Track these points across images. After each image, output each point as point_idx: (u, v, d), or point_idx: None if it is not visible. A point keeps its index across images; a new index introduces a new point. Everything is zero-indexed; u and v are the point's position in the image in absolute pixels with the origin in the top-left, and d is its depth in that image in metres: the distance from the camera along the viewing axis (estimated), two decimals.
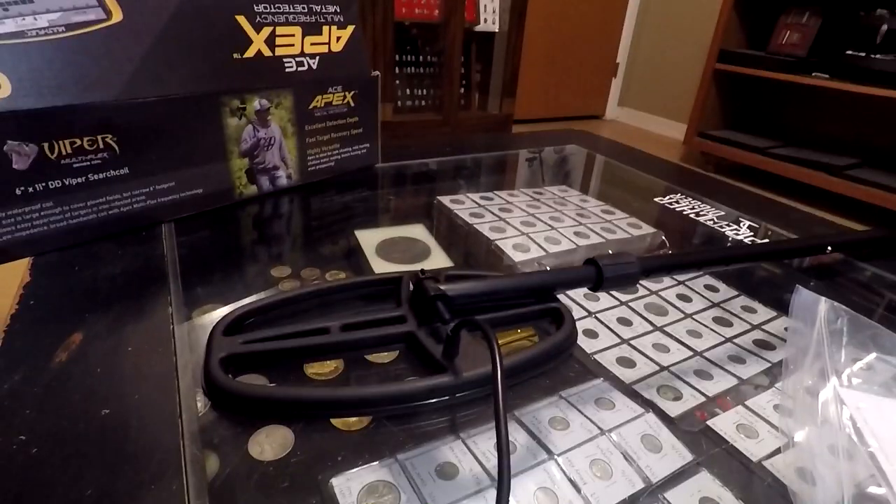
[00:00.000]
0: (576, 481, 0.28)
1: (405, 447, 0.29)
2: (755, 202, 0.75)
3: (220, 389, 0.31)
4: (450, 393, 0.32)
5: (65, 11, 0.42)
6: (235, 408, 0.30)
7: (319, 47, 0.59)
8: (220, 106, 0.51)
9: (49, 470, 0.25)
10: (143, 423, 0.29)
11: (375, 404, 0.30)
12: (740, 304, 0.48)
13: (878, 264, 0.56)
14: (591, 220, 0.62)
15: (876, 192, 1.84)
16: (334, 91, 0.61)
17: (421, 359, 0.35)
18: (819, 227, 0.68)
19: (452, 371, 0.32)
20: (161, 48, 0.47)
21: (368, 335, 0.33)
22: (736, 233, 0.62)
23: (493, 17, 2.24)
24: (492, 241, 0.54)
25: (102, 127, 0.44)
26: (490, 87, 2.37)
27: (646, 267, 0.38)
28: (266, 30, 0.54)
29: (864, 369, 0.35)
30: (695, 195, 0.73)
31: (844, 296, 0.50)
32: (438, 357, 0.33)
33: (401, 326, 0.35)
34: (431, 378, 0.31)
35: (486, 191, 0.69)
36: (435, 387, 0.31)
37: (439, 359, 0.33)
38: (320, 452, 0.28)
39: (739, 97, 2.47)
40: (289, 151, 0.59)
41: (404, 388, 0.31)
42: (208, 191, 0.53)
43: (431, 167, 0.80)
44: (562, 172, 0.87)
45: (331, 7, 0.60)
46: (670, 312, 0.46)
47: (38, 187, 0.42)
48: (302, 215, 0.62)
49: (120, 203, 0.47)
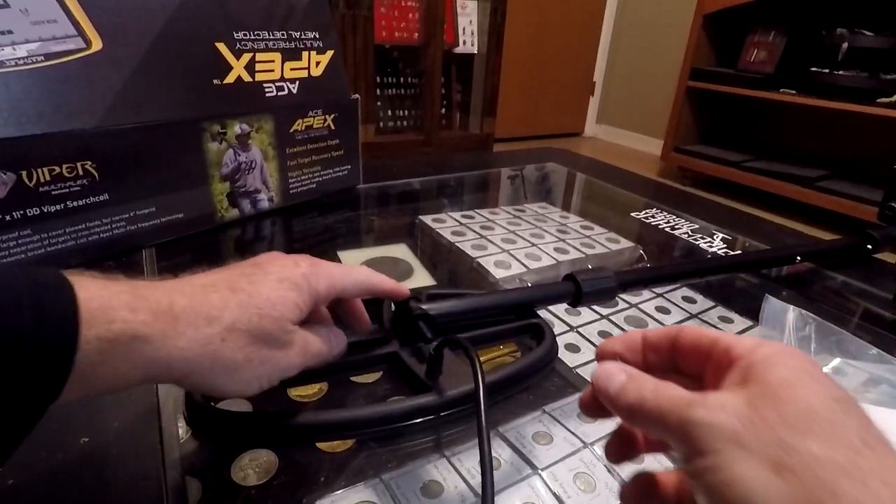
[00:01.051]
0: (560, 495, 0.28)
1: (389, 467, 0.29)
2: (728, 215, 0.77)
3: (201, 416, 0.30)
4: (434, 412, 0.32)
5: (44, 41, 0.42)
6: (217, 435, 0.30)
7: (299, 72, 0.60)
8: (200, 131, 0.52)
9: (26, 502, 0.25)
10: (123, 451, 0.28)
11: (360, 427, 0.31)
12: (717, 315, 0.49)
13: (846, 272, 0.58)
14: (571, 236, 0.63)
15: (846, 202, 1.90)
16: (314, 115, 0.62)
17: (404, 379, 0.35)
18: (790, 237, 0.70)
19: (436, 390, 0.32)
20: (141, 76, 0.47)
21: (352, 358, 0.33)
22: (710, 245, 0.64)
23: (472, 39, 2.29)
24: (474, 259, 0.55)
25: (82, 154, 0.44)
26: (471, 106, 2.41)
27: (623, 281, 0.40)
28: (246, 56, 0.55)
29: (832, 374, 0.36)
30: (670, 209, 0.75)
31: (815, 303, 0.52)
32: (422, 376, 0.33)
33: (384, 347, 0.35)
34: (416, 398, 0.32)
35: (468, 209, 0.70)
36: (419, 407, 0.32)
37: (423, 378, 0.33)
38: (304, 475, 0.28)
39: (713, 113, 2.55)
40: (270, 174, 0.60)
41: (389, 410, 0.31)
42: (189, 215, 0.53)
43: (413, 187, 0.80)
44: (542, 190, 0.89)
45: (310, 33, 0.61)
46: (650, 324, 0.47)
47: (15, 215, 0.41)
48: (284, 237, 0.62)
49: (100, 229, 0.47)
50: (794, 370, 0.16)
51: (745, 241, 0.67)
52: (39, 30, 0.42)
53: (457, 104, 2.45)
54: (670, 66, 2.73)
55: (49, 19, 0.43)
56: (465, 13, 2.26)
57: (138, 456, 0.28)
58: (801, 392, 0.16)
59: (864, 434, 0.15)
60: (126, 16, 0.47)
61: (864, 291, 0.55)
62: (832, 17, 2.10)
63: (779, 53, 2.24)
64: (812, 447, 0.14)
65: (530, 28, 2.90)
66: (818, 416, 0.15)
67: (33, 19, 0.42)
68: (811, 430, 0.15)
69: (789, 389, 0.16)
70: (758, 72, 2.27)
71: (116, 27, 0.46)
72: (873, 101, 1.87)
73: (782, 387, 0.16)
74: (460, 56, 2.32)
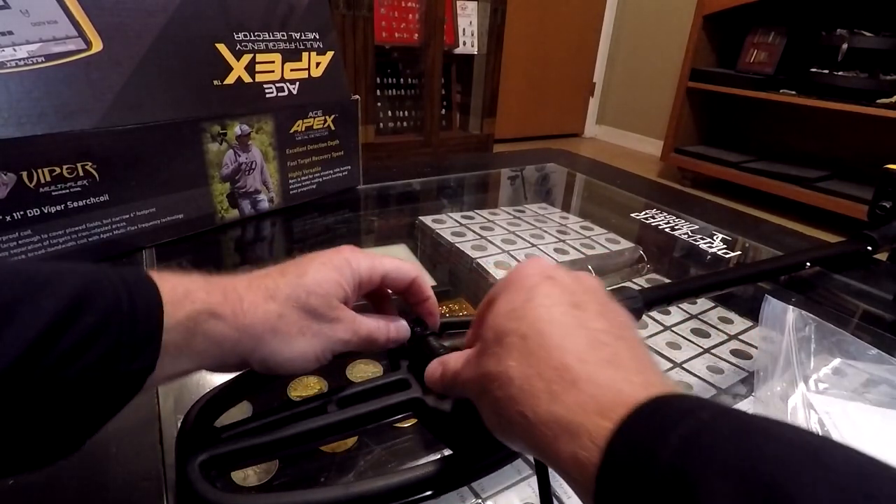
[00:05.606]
0: (560, 496, 0.28)
1: (390, 467, 0.29)
2: (728, 216, 0.77)
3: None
4: (469, 479, 0.28)
5: (44, 42, 0.42)
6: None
7: (299, 73, 0.60)
8: (200, 132, 0.52)
9: (26, 502, 0.25)
10: (123, 451, 0.28)
11: (387, 499, 0.25)
12: (717, 316, 0.49)
13: (846, 273, 0.58)
14: (570, 237, 0.63)
15: (845, 202, 1.90)
16: (314, 115, 0.62)
17: (431, 427, 0.29)
18: (789, 238, 0.70)
19: (469, 449, 0.26)
20: (141, 76, 0.47)
21: (371, 408, 0.28)
22: (710, 246, 0.64)
23: (472, 40, 2.29)
24: (473, 260, 0.55)
25: (82, 154, 0.44)
26: (471, 107, 2.40)
27: (648, 299, 0.38)
28: (246, 57, 0.55)
29: (832, 374, 0.36)
30: (670, 210, 0.75)
31: (814, 304, 0.52)
32: (450, 423, 0.28)
33: (405, 393, 0.30)
34: (446, 464, 0.26)
35: (468, 210, 0.70)
36: (451, 476, 0.26)
37: (452, 428, 0.28)
38: (304, 475, 0.28)
39: (713, 113, 2.55)
40: (270, 175, 0.60)
41: (417, 476, 0.25)
42: (189, 216, 0.53)
43: (414, 187, 0.81)
44: (542, 190, 0.89)
45: (310, 34, 0.61)
46: (650, 325, 0.47)
47: (16, 215, 0.41)
48: (284, 238, 0.62)
49: (100, 230, 0.47)
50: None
51: (744, 242, 0.67)
52: (40, 31, 0.42)
53: (457, 105, 2.45)
54: (670, 67, 2.73)
55: (49, 20, 0.43)
56: (465, 14, 2.26)
57: (138, 456, 0.28)
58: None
59: None
60: (126, 17, 0.47)
61: (863, 292, 0.55)
62: (832, 17, 2.10)
63: (778, 54, 2.24)
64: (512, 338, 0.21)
65: (530, 28, 2.90)
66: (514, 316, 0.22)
67: (34, 20, 0.42)
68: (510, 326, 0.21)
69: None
70: (758, 72, 2.27)
71: (117, 28, 0.46)
72: (873, 102, 1.87)
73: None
74: (460, 57, 2.32)
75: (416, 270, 0.31)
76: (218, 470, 0.25)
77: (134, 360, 0.21)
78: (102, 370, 0.20)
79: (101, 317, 0.20)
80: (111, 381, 0.20)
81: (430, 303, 0.31)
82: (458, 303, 0.48)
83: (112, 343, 0.20)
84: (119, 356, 0.20)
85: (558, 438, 0.17)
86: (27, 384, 0.18)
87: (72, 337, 0.19)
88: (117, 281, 0.21)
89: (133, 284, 0.22)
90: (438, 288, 0.51)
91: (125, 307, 0.21)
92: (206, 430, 0.26)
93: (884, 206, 0.60)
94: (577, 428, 0.17)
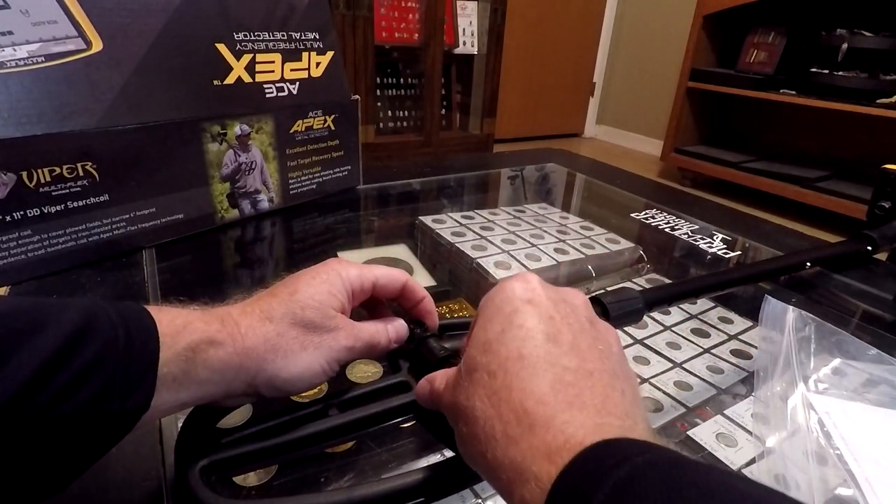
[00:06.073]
0: None
1: (390, 467, 0.29)
2: (728, 215, 0.77)
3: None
4: (470, 482, 0.28)
5: (44, 42, 0.42)
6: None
7: (299, 73, 0.60)
8: (200, 132, 0.52)
9: None
10: (123, 451, 0.28)
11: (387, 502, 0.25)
12: (717, 315, 0.49)
13: (846, 273, 0.58)
14: (570, 237, 0.63)
15: (845, 202, 1.90)
16: (314, 115, 0.62)
17: (432, 429, 0.29)
18: (789, 237, 0.70)
19: None
20: (141, 76, 0.47)
21: (372, 411, 0.28)
22: (710, 246, 0.64)
23: (472, 40, 2.29)
24: (473, 260, 0.55)
25: (82, 154, 0.44)
26: (471, 107, 2.40)
27: (649, 300, 0.38)
28: (246, 57, 0.55)
29: (832, 374, 0.36)
30: (670, 210, 0.75)
31: (814, 304, 0.52)
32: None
33: (405, 396, 0.30)
34: (447, 466, 0.26)
35: (468, 210, 0.70)
36: (451, 477, 0.26)
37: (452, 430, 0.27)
38: (304, 476, 0.28)
39: (713, 113, 2.55)
40: (270, 175, 0.60)
41: (420, 479, 0.26)
42: (189, 216, 0.53)
43: (413, 187, 0.81)
44: (542, 190, 0.89)
45: (310, 34, 0.61)
46: (650, 325, 0.47)
47: (16, 216, 0.41)
48: (284, 238, 0.62)
49: (100, 230, 0.47)
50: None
51: (744, 242, 0.67)
52: (40, 30, 0.42)
53: (457, 105, 2.45)
54: (670, 67, 2.73)
55: (49, 20, 0.43)
56: (465, 14, 2.26)
57: (138, 456, 0.28)
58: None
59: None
60: (126, 17, 0.47)
61: (863, 292, 0.55)
62: (832, 17, 2.10)
63: (778, 54, 2.24)
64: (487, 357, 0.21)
65: (530, 28, 2.90)
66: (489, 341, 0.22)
67: (34, 20, 0.42)
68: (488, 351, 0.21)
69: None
70: (757, 72, 2.27)
71: (117, 28, 0.46)
72: (873, 102, 1.87)
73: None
74: (460, 56, 2.32)
75: (406, 275, 0.31)
76: (218, 475, 0.25)
77: (127, 398, 0.20)
78: (94, 409, 0.20)
79: (97, 354, 0.20)
80: (102, 420, 0.20)
81: (426, 302, 0.31)
82: (458, 303, 0.48)
83: (106, 380, 0.20)
84: (112, 395, 0.20)
85: (512, 482, 0.18)
86: (17, 424, 0.18)
87: (65, 375, 0.19)
88: (115, 317, 0.21)
89: (131, 320, 0.22)
90: (438, 288, 0.51)
91: (122, 344, 0.21)
92: (207, 433, 0.26)
93: (883, 206, 0.60)
94: (526, 472, 0.17)
